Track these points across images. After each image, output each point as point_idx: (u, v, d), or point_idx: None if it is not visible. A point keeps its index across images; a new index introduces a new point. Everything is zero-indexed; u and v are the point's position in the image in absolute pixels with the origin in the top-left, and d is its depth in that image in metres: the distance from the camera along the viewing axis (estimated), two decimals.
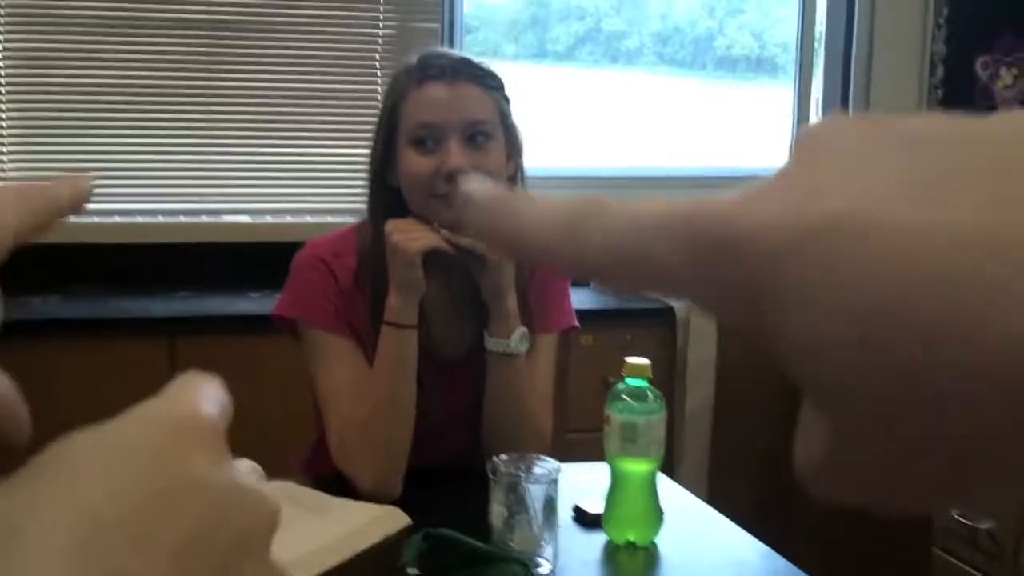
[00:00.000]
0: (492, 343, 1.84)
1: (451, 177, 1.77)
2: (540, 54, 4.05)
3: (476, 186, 0.36)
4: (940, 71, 3.80)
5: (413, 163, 1.81)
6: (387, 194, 1.87)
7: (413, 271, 1.77)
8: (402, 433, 1.80)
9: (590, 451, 1.83)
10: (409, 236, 1.77)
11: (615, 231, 0.32)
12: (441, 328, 1.89)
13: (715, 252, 0.29)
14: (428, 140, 1.80)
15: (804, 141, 0.30)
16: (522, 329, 1.84)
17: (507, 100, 1.89)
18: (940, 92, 3.79)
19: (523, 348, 1.84)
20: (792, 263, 0.28)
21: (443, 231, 1.78)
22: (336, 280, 1.88)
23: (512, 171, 1.89)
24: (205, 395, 0.37)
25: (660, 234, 0.31)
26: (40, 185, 0.48)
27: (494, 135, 1.84)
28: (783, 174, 0.30)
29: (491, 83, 1.86)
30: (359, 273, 1.88)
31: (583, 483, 1.77)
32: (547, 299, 1.96)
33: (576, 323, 2.02)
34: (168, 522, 0.32)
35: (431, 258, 1.79)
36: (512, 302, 1.83)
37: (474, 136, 1.81)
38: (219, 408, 0.37)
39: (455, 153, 1.78)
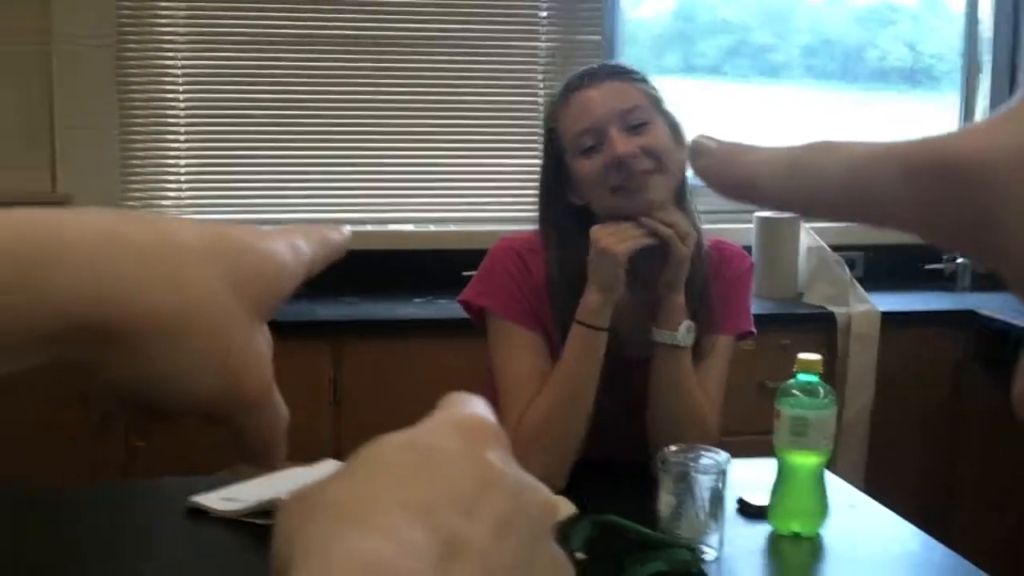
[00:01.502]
0: (660, 335, 1.87)
1: (621, 166, 1.82)
2: (687, 68, 4.05)
3: (702, 137, 0.40)
4: None
5: (584, 168, 1.86)
6: (565, 211, 1.92)
7: (618, 272, 1.81)
8: (577, 429, 1.84)
9: (744, 453, 1.83)
10: (617, 238, 1.81)
11: (840, 166, 0.35)
12: (626, 329, 1.91)
13: (939, 176, 0.33)
14: (591, 143, 1.85)
15: None
16: (688, 322, 1.86)
17: (655, 89, 1.92)
18: None
19: (689, 341, 1.87)
20: (1013, 182, 0.31)
21: (644, 219, 1.82)
22: (531, 274, 1.93)
23: (682, 157, 1.91)
24: (481, 407, 0.42)
25: (884, 165, 0.34)
26: (315, 227, 0.55)
27: (651, 119, 1.87)
28: (1002, 115, 0.33)
29: (634, 76, 1.91)
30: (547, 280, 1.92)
31: (746, 478, 1.78)
32: (730, 301, 1.98)
33: (753, 328, 2.04)
34: (485, 502, 0.37)
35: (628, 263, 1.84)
36: (681, 297, 1.86)
37: (632, 124, 1.85)
38: (494, 417, 0.42)
39: (618, 141, 1.82)
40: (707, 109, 4.01)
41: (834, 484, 1.74)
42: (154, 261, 0.45)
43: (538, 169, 2.00)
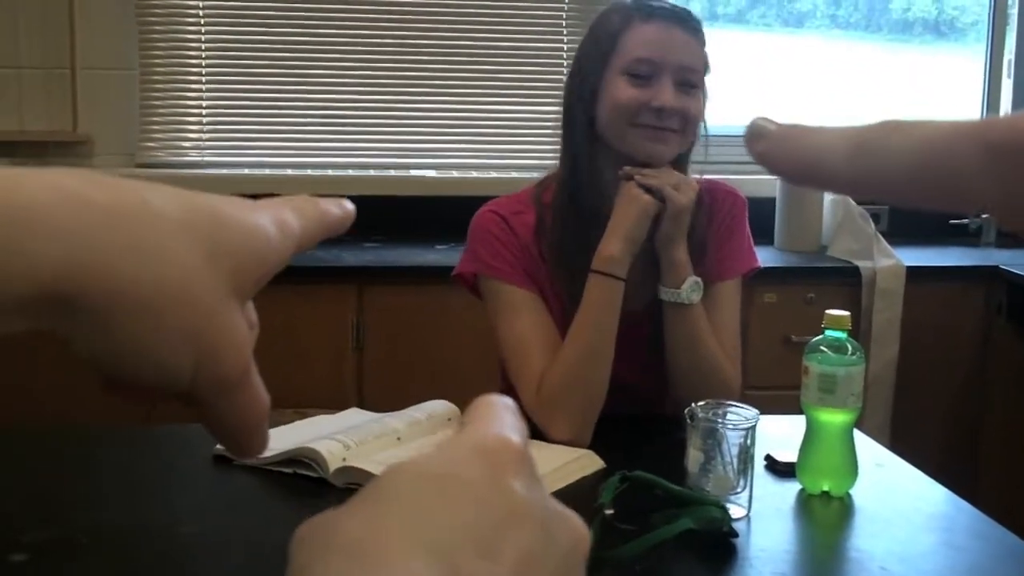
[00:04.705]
0: (665, 293, 1.87)
1: (659, 113, 1.84)
2: (711, 17, 4.01)
3: (761, 120, 0.39)
4: None
5: (624, 91, 1.86)
6: (587, 124, 1.90)
7: (646, 223, 1.82)
8: (601, 384, 1.82)
9: (770, 408, 1.82)
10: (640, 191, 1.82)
11: (912, 146, 0.34)
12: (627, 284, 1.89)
13: (1013, 157, 0.32)
14: (643, 73, 1.85)
15: None
16: (693, 278, 1.86)
17: (708, 57, 1.94)
18: None
19: (695, 297, 1.86)
20: None
21: (636, 177, 1.83)
22: (516, 235, 1.92)
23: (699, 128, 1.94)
24: (507, 423, 0.39)
25: (962, 143, 0.33)
26: (312, 201, 0.50)
27: (699, 85, 1.90)
28: None
29: (702, 39, 1.92)
30: (538, 227, 1.92)
31: (773, 434, 1.78)
32: (727, 244, 1.98)
33: (758, 263, 2.03)
34: (508, 539, 0.34)
35: None
36: (683, 252, 1.86)
37: (684, 82, 1.87)
38: (521, 434, 0.39)
39: (667, 91, 1.84)
40: (730, 59, 3.97)
41: (861, 441, 1.72)
42: (126, 229, 0.41)
43: (560, 115, 1.98)
